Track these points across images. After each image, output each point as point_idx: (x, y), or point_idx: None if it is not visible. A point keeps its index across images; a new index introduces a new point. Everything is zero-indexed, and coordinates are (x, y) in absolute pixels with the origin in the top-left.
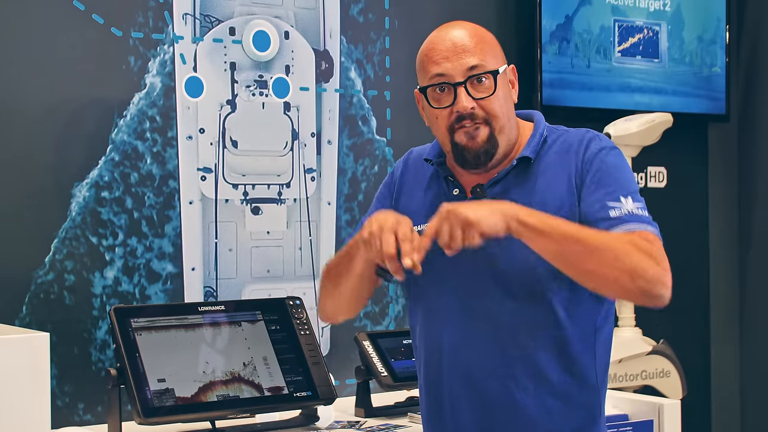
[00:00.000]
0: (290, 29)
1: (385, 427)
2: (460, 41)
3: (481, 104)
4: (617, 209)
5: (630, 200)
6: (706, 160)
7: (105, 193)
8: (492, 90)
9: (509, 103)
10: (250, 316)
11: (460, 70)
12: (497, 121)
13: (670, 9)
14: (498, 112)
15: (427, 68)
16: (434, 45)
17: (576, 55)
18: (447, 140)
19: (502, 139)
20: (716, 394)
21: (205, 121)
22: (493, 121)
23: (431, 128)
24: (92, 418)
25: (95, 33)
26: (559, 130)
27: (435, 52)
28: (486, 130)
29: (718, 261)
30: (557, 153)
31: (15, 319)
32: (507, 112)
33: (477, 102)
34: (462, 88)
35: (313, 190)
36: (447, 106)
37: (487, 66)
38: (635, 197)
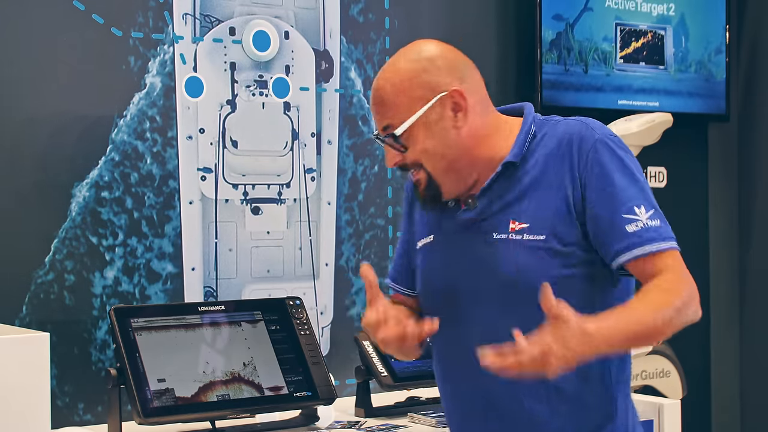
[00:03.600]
0: (290, 29)
1: (385, 427)
2: (377, 96)
3: (405, 156)
4: (633, 223)
5: (643, 210)
6: (706, 160)
7: (105, 193)
8: (406, 145)
9: (442, 137)
10: (250, 316)
11: (380, 127)
12: (427, 165)
13: (674, 14)
14: (421, 158)
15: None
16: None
17: (577, 63)
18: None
19: (445, 176)
20: (716, 394)
21: (205, 121)
22: (425, 166)
23: None
24: (92, 418)
25: (95, 33)
26: (550, 122)
27: (370, 103)
28: (423, 176)
29: (718, 261)
30: (548, 149)
31: (15, 319)
32: (439, 150)
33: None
34: (385, 146)
35: (313, 190)
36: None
37: (394, 125)
38: (646, 201)
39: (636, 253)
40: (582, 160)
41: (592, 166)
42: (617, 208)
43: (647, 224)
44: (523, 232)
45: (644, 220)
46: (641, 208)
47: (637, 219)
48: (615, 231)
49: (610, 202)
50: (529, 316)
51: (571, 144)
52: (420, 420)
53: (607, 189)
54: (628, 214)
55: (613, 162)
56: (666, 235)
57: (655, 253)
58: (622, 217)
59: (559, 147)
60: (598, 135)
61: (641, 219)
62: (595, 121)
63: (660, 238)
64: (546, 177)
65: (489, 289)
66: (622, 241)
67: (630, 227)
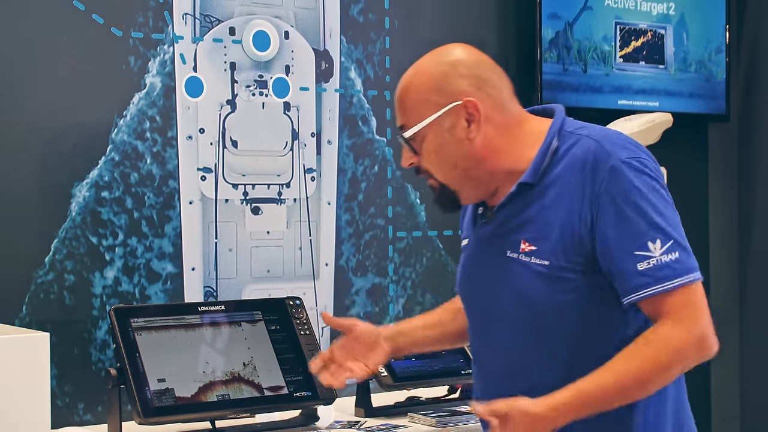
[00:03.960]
0: (290, 29)
1: (385, 427)
2: (397, 95)
3: (419, 159)
4: (645, 261)
5: (658, 244)
6: (706, 160)
7: (105, 193)
8: (418, 148)
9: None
10: (250, 316)
11: (398, 126)
12: (437, 174)
13: (674, 13)
14: (432, 166)
15: None
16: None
17: (576, 63)
18: None
19: (461, 185)
20: (716, 394)
21: (205, 121)
22: (435, 175)
23: None
24: (92, 418)
25: (95, 33)
26: (574, 135)
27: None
28: (437, 182)
29: (718, 261)
30: (567, 168)
31: (15, 319)
32: (449, 159)
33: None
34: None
35: (313, 190)
36: None
37: (407, 126)
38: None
39: (645, 293)
40: (595, 189)
41: (604, 197)
42: (628, 246)
43: (660, 260)
44: (531, 254)
45: (657, 256)
46: (656, 243)
47: (650, 256)
48: (626, 270)
49: (622, 238)
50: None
51: (585, 169)
52: (420, 420)
53: (619, 225)
54: (640, 250)
55: (626, 192)
56: (681, 270)
57: (664, 293)
58: (634, 255)
59: (575, 169)
60: (612, 161)
61: (654, 255)
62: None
63: (673, 275)
64: (559, 199)
65: (501, 304)
66: (632, 281)
67: (641, 265)
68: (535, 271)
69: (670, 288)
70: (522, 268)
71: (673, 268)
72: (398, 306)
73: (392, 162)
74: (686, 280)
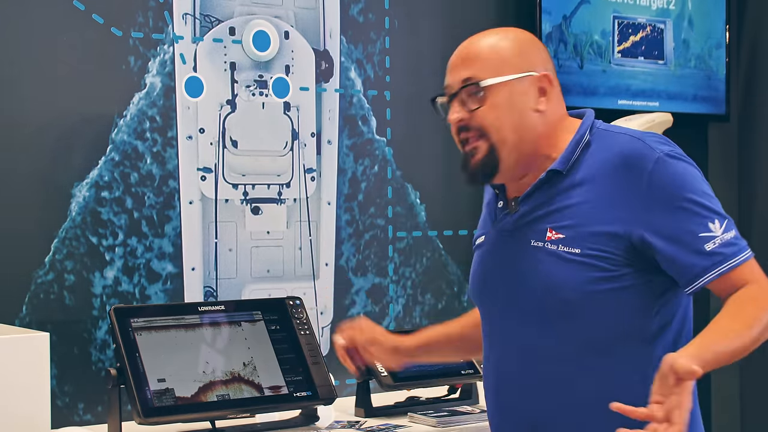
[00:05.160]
0: (290, 29)
1: (385, 427)
2: (464, 53)
3: (475, 115)
4: (711, 241)
5: (717, 224)
6: (706, 160)
7: (105, 193)
8: (481, 103)
9: (520, 113)
10: (250, 316)
11: (456, 81)
12: (493, 133)
13: (674, 8)
14: (488, 124)
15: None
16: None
17: (572, 58)
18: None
19: (506, 151)
20: (716, 394)
21: (205, 121)
22: (489, 134)
23: None
24: (92, 418)
25: (95, 33)
26: (609, 132)
27: (448, 63)
28: (484, 145)
29: None
30: (601, 163)
31: (15, 319)
32: (513, 124)
33: (472, 113)
34: (455, 100)
35: (313, 190)
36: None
37: (479, 77)
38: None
39: (721, 270)
40: (643, 182)
41: (654, 189)
42: (693, 229)
43: (724, 238)
44: (559, 242)
45: (720, 235)
46: (715, 223)
47: (714, 236)
48: (695, 253)
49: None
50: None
51: (628, 164)
52: (420, 420)
53: (676, 212)
54: (704, 232)
55: (676, 180)
56: (742, 245)
57: (735, 268)
58: (700, 237)
59: (614, 164)
60: (657, 154)
61: (718, 235)
62: (655, 136)
63: (739, 251)
64: (594, 191)
65: (524, 298)
66: (702, 262)
67: (709, 246)
68: (564, 258)
69: (740, 262)
70: (549, 257)
71: (737, 245)
72: (398, 306)
73: (392, 162)
74: (748, 254)
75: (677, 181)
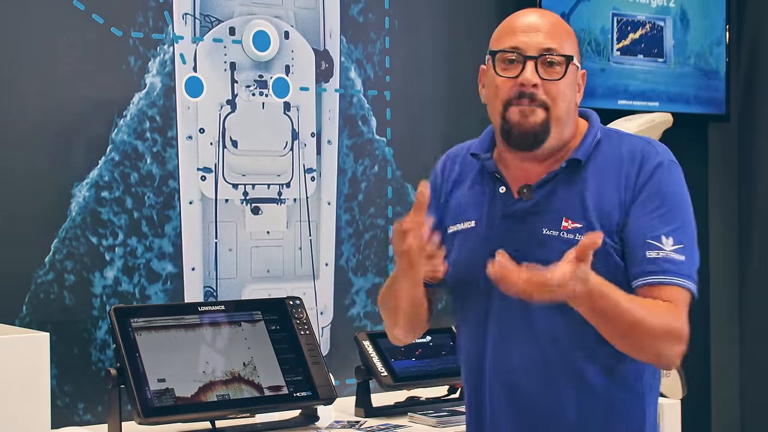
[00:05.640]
0: (290, 29)
1: (385, 427)
2: (543, 23)
3: (546, 86)
4: (655, 250)
5: (671, 241)
6: (706, 160)
7: (105, 193)
8: (561, 74)
9: (572, 98)
10: (250, 316)
11: (535, 47)
12: (556, 107)
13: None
14: (558, 98)
15: (505, 37)
16: (517, 19)
17: None
18: (499, 114)
19: (555, 129)
20: (716, 394)
21: (205, 121)
22: (552, 107)
23: (487, 104)
24: (92, 418)
25: (95, 33)
26: (615, 133)
27: (516, 26)
28: (542, 114)
29: (718, 261)
30: (610, 159)
31: (15, 319)
32: (568, 105)
33: (543, 82)
34: (531, 63)
35: (313, 190)
36: (512, 77)
37: (562, 52)
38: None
39: (647, 280)
40: (642, 176)
41: (647, 185)
42: (646, 233)
43: (668, 256)
44: (576, 231)
45: (668, 250)
46: (669, 239)
47: (661, 248)
48: (637, 254)
49: (645, 223)
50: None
51: (635, 160)
52: (420, 420)
53: (650, 211)
54: (654, 240)
55: (667, 188)
56: (684, 273)
57: (664, 285)
58: (647, 242)
59: (623, 159)
60: (662, 158)
61: (665, 249)
62: (661, 144)
63: (676, 273)
64: (605, 183)
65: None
66: (638, 266)
67: (651, 254)
68: None
69: (672, 283)
70: (564, 245)
71: (678, 267)
72: None
73: (392, 162)
74: (686, 284)
75: (667, 187)
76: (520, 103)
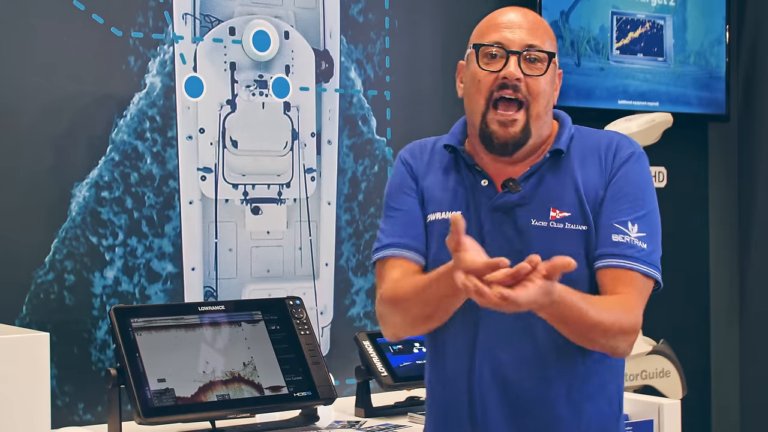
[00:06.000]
0: (290, 29)
1: (385, 427)
2: (525, 21)
3: (528, 82)
4: (621, 235)
5: (636, 228)
6: (706, 160)
7: (105, 193)
8: (543, 71)
9: (551, 95)
10: (250, 316)
11: (519, 43)
12: (537, 103)
13: (674, 4)
14: (539, 94)
15: (489, 32)
16: (501, 15)
17: (569, 55)
18: (480, 111)
19: (535, 128)
20: (716, 394)
21: (205, 121)
22: (532, 104)
23: (465, 99)
24: (92, 418)
25: (95, 33)
26: (586, 129)
27: (499, 21)
28: (523, 119)
29: (718, 261)
30: (586, 150)
31: (15, 319)
32: (547, 102)
33: (525, 78)
34: (515, 58)
35: (313, 190)
36: (495, 71)
37: (545, 49)
38: (643, 223)
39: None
40: (616, 162)
41: (620, 171)
42: (614, 216)
43: (632, 242)
44: (565, 221)
45: (632, 236)
46: (635, 226)
47: (626, 233)
48: (603, 235)
49: (614, 207)
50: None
51: (610, 148)
52: (420, 420)
53: (620, 197)
54: (620, 225)
55: (637, 176)
56: (647, 260)
57: (625, 269)
58: (614, 225)
59: (600, 147)
60: (634, 148)
61: (630, 234)
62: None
63: (638, 260)
64: (587, 171)
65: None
66: (603, 247)
67: (616, 237)
68: (572, 236)
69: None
70: (553, 235)
71: (640, 254)
72: None
73: (392, 162)
74: (647, 271)
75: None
76: (501, 94)
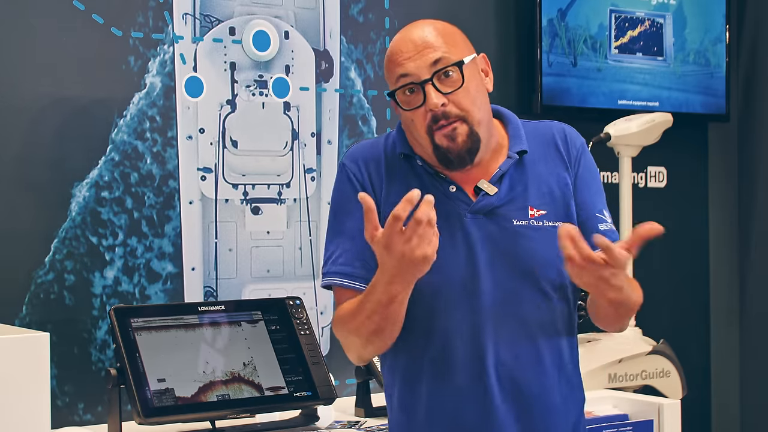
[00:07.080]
0: (290, 29)
1: (385, 426)
2: (421, 39)
3: (452, 99)
4: (604, 223)
5: (608, 214)
6: (706, 160)
7: (105, 193)
8: (460, 82)
9: (482, 93)
10: (250, 316)
11: (425, 68)
12: (472, 114)
13: (674, 2)
14: (470, 105)
15: (393, 71)
16: (397, 47)
17: (565, 54)
18: (428, 143)
19: (482, 132)
20: (716, 394)
21: (205, 121)
22: (468, 116)
23: (407, 133)
24: (92, 418)
25: (95, 33)
26: (528, 121)
27: (397, 54)
28: (464, 127)
29: (718, 261)
30: (543, 143)
31: (15, 319)
32: (481, 104)
33: (447, 97)
34: (429, 86)
35: (313, 190)
36: (418, 107)
37: (451, 58)
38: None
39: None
40: (574, 153)
41: (581, 162)
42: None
43: (612, 228)
44: (543, 218)
45: (610, 224)
46: (607, 214)
47: (606, 221)
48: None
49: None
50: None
51: (563, 138)
52: None
53: (592, 187)
54: (600, 214)
55: (592, 164)
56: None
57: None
58: (596, 216)
59: (554, 139)
60: (582, 139)
61: (608, 222)
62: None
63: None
64: (551, 166)
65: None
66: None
67: (602, 226)
68: (552, 233)
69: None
70: (536, 233)
71: (617, 236)
72: None
73: None
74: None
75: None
76: (440, 127)
